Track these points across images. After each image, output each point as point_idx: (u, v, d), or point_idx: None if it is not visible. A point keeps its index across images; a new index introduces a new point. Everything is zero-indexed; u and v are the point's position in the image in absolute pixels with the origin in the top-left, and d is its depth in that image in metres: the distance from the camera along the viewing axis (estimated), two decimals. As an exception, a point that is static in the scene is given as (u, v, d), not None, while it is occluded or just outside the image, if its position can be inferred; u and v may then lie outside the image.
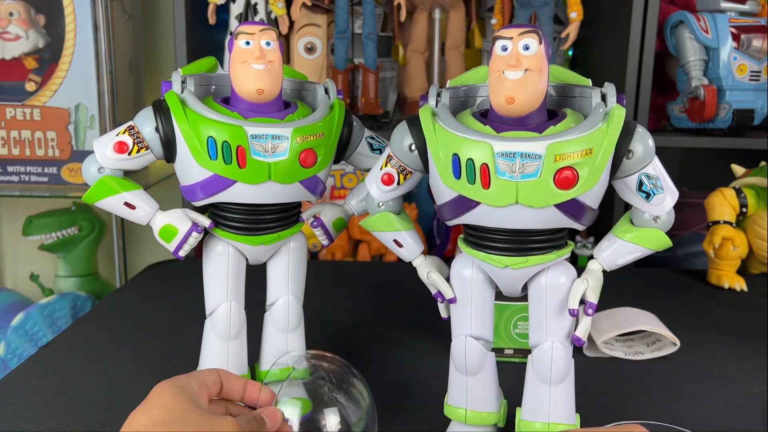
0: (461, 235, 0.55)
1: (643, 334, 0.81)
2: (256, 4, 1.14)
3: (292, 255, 0.63)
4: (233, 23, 1.15)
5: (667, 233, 0.53)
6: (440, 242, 1.31)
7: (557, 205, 0.48)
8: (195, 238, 0.58)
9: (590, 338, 0.79)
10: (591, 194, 0.49)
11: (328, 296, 0.97)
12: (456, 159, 0.48)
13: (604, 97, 0.50)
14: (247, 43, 0.54)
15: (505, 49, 0.48)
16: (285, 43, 1.21)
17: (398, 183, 0.55)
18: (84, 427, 0.61)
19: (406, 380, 0.71)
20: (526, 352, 0.57)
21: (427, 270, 0.57)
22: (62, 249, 1.33)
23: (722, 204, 1.02)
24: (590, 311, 0.52)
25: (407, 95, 1.24)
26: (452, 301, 0.55)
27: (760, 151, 1.14)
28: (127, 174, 0.58)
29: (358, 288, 1.02)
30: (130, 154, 0.56)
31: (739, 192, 1.02)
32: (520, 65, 0.47)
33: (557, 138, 0.47)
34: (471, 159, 0.48)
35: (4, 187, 1.19)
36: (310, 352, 0.61)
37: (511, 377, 0.62)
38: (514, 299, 0.66)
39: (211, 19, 1.14)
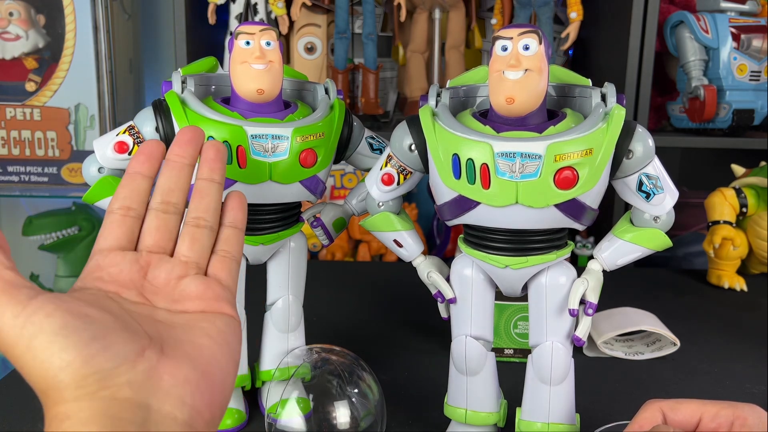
0: (461, 235, 0.55)
1: (643, 334, 0.81)
2: (256, 4, 1.14)
3: (292, 255, 0.63)
4: (233, 23, 1.15)
5: (667, 233, 0.53)
6: (440, 242, 1.31)
7: (557, 205, 0.48)
8: (195, 238, 0.58)
9: (590, 338, 0.79)
10: (591, 194, 0.49)
11: (328, 296, 0.97)
12: (456, 159, 0.48)
13: (604, 97, 0.50)
14: (247, 43, 0.54)
15: (505, 49, 0.48)
16: (285, 43, 1.21)
17: (398, 183, 0.55)
18: (84, 427, 0.60)
19: (406, 380, 0.71)
20: (526, 352, 0.57)
21: (427, 270, 0.57)
22: (62, 249, 1.33)
23: (722, 204, 1.02)
24: (590, 311, 0.52)
25: (407, 95, 1.24)
26: (452, 301, 0.55)
27: (760, 151, 1.14)
28: (127, 174, 0.58)
29: (358, 288, 1.01)
30: (130, 154, 0.56)
31: (739, 192, 1.02)
32: (520, 65, 0.47)
33: (557, 138, 0.47)
34: (471, 159, 0.48)
35: (4, 187, 1.19)
36: (319, 345, 0.61)
37: (511, 377, 0.62)
38: (514, 299, 0.66)
39: (211, 19, 1.14)
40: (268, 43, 0.54)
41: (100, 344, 0.32)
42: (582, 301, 0.52)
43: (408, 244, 0.58)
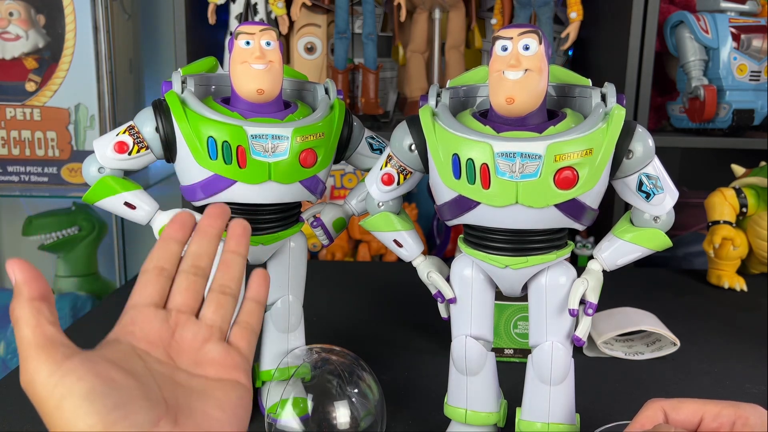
0: (461, 235, 0.55)
1: (643, 334, 0.81)
2: (256, 4, 1.14)
3: (292, 255, 0.63)
4: (233, 23, 1.15)
5: (667, 233, 0.53)
6: (440, 242, 1.31)
7: (557, 205, 0.48)
8: (195, 238, 0.58)
9: (590, 338, 0.79)
10: (591, 194, 0.49)
11: (328, 296, 0.97)
12: (456, 159, 0.48)
13: (604, 97, 0.50)
14: (248, 43, 0.54)
15: (505, 49, 0.48)
16: (285, 43, 1.21)
17: (398, 183, 0.55)
18: (84, 427, 0.60)
19: (406, 380, 0.71)
20: (526, 352, 0.57)
21: (427, 270, 0.57)
22: (62, 249, 1.33)
23: (722, 204, 1.02)
24: (590, 311, 0.52)
25: (407, 95, 1.24)
26: (452, 301, 0.55)
27: (760, 151, 1.14)
28: (128, 174, 0.58)
29: (358, 288, 1.02)
30: (130, 154, 0.56)
31: (739, 192, 1.02)
32: (520, 65, 0.47)
33: (557, 138, 0.47)
34: (471, 159, 0.48)
35: (4, 187, 1.19)
36: (319, 345, 0.61)
37: (511, 377, 0.62)
38: (514, 299, 0.66)
39: (211, 19, 1.14)
40: (268, 43, 0.54)
41: (122, 413, 0.35)
42: (582, 301, 0.52)
43: (408, 244, 0.58)
